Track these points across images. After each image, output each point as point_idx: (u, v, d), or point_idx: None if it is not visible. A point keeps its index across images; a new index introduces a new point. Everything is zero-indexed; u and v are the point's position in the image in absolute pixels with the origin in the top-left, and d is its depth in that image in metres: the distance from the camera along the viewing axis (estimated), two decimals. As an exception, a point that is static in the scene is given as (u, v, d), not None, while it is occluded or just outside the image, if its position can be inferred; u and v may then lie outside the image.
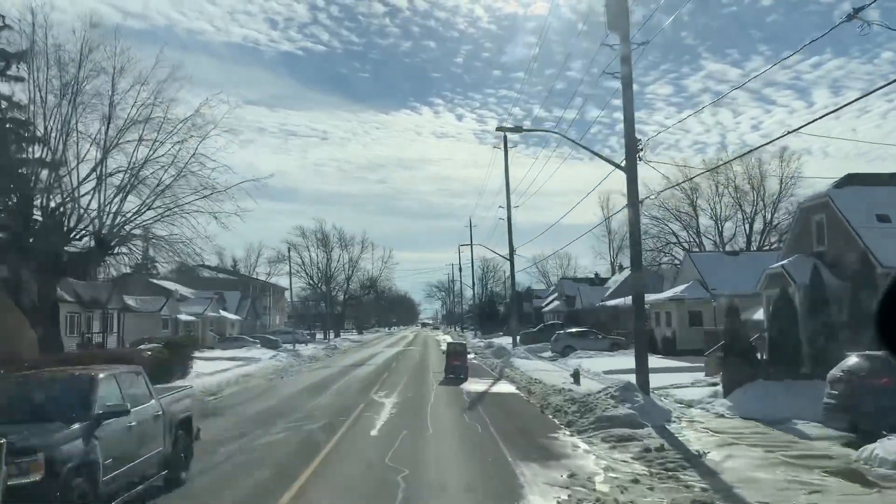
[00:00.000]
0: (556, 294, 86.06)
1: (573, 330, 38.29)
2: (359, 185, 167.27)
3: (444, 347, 34.73)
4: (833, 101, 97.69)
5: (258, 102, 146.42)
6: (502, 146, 39.61)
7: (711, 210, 68.68)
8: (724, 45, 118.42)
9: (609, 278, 70.88)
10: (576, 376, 21.27)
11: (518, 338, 54.24)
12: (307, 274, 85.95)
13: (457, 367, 26.59)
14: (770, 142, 45.21)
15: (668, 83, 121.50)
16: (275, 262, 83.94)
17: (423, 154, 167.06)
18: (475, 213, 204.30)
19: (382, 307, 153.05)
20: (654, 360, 29.42)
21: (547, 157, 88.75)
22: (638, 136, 16.75)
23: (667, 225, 68.70)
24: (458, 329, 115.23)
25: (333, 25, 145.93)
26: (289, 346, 52.83)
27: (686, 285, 32.84)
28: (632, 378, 17.17)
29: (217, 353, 44.70)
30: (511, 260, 40.27)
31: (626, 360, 31.48)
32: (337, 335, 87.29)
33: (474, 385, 24.10)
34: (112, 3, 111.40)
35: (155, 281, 66.47)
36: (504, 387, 23.76)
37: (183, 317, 49.52)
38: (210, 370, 29.68)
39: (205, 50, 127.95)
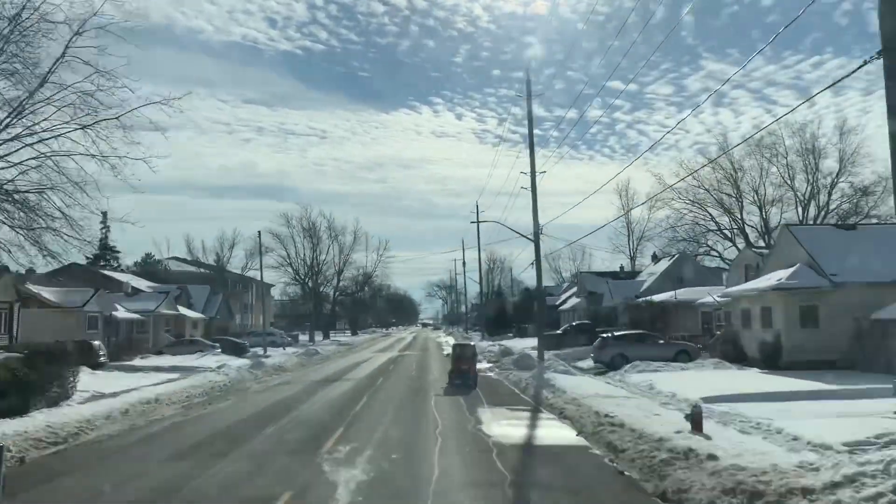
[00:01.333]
0: (573, 290, 76.43)
1: (624, 333, 28.68)
2: (358, 184, 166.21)
3: (447, 351, 28.98)
4: (833, 101, 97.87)
5: (257, 101, 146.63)
6: (525, 91, 30.05)
7: (754, 193, 59.13)
8: (725, 44, 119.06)
9: (639, 271, 61.34)
10: (695, 421, 11.65)
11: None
12: (293, 268, 76.21)
13: (464, 371, 22.54)
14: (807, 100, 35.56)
15: (669, 83, 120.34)
16: (254, 256, 74.25)
17: (422, 153, 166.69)
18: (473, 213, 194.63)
19: (379, 306, 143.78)
20: (762, 380, 20.05)
21: (546, 157, 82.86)
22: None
23: (706, 210, 59.10)
24: (461, 330, 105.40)
25: (332, 24, 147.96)
26: (259, 351, 43.42)
27: (792, 269, 23.18)
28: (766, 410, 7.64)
29: (158, 359, 35.32)
30: (536, 241, 30.77)
31: (713, 376, 21.96)
32: (326, 336, 77.74)
33: (503, 423, 14.60)
34: (111, 1, 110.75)
35: (109, 273, 57.12)
36: (556, 430, 14.16)
37: (122, 314, 39.95)
38: (119, 387, 20.84)
39: (204, 49, 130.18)
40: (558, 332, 43.09)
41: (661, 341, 27.51)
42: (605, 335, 28.72)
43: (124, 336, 38.75)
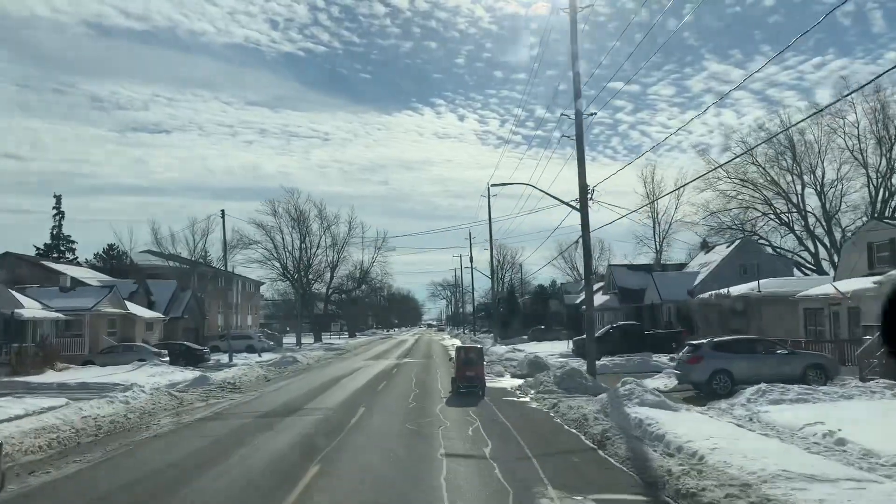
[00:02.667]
0: (600, 286, 67.47)
1: (727, 339, 19.59)
2: (361, 186, 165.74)
3: (451, 356, 24.61)
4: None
5: (260, 103, 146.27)
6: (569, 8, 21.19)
7: (811, 172, 50.11)
8: (727, 45, 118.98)
9: (684, 263, 52.37)
10: None
11: (571, 345, 36.01)
12: (280, 263, 67.22)
13: (470, 378, 19.58)
14: None
15: (671, 84, 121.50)
16: (234, 248, 65.31)
17: (425, 155, 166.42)
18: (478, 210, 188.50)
19: (380, 306, 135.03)
20: None
21: (547, 158, 78.38)
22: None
23: (759, 191, 50.06)
24: (467, 332, 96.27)
25: (334, 26, 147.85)
26: (223, 359, 34.86)
27: None
28: None
29: (79, 372, 26.83)
30: (583, 207, 21.91)
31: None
32: (318, 339, 68.91)
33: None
34: (114, 4, 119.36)
35: (52, 265, 48.43)
36: None
37: (37, 313, 31.08)
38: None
39: (206, 51, 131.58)
40: (596, 335, 34.16)
41: (782, 350, 18.48)
42: (694, 343, 19.70)
43: (41, 341, 29.98)
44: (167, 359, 32.79)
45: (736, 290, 29.67)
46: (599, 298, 57.56)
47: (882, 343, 9.73)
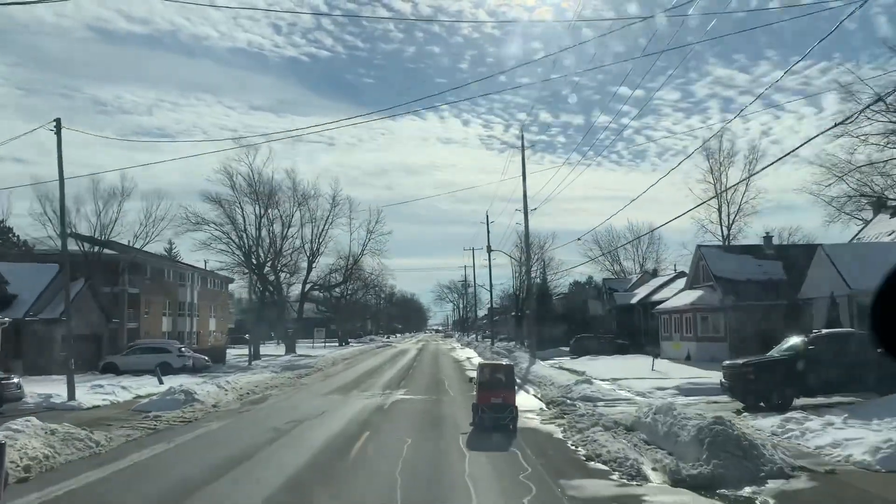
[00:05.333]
0: (658, 282, 50.46)
1: None
2: (365, 190, 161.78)
3: (473, 375, 17.41)
4: (839, 108, 75.53)
5: (265, 108, 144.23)
6: None
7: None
8: (732, 50, 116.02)
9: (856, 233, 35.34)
10: None
11: (691, 371, 19.37)
12: (242, 250, 50.15)
13: (498, 408, 14.05)
14: None
15: (676, 88, 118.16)
16: (181, 232, 48.57)
17: (429, 160, 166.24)
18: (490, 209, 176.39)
19: (380, 308, 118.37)
20: None
21: (557, 167, 63.88)
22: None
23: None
24: (481, 339, 79.28)
25: (337, 31, 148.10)
26: (56, 397, 18.27)
27: None
28: None
29: None
30: None
31: None
32: (291, 350, 52.14)
33: None
34: (117, 7, 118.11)
35: None
36: None
37: None
38: None
39: (209, 55, 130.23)
40: (773, 356, 17.31)
41: None
42: None
43: None
44: None
45: None
46: (678, 295, 40.63)
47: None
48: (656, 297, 47.44)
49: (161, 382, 25.88)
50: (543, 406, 18.84)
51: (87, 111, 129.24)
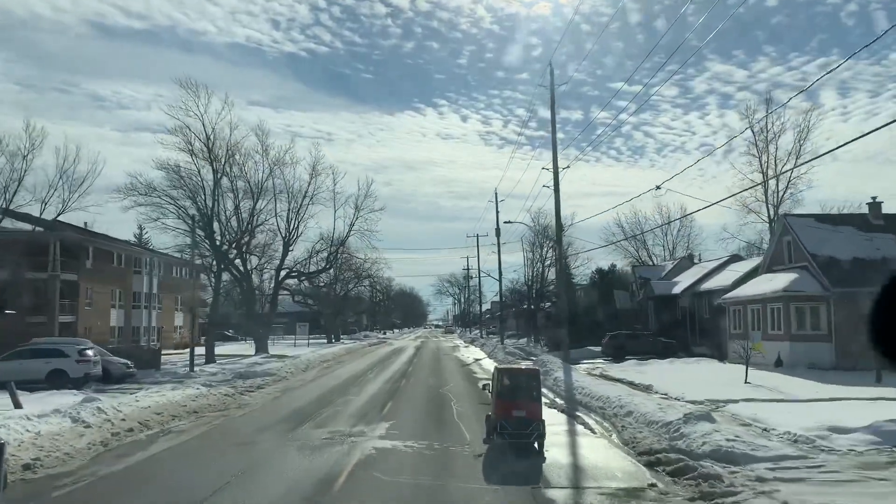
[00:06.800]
0: (712, 266, 40.86)
1: None
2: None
3: (485, 381, 15.11)
4: (840, 102, 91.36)
5: (263, 104, 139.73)
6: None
7: None
8: (730, 46, 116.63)
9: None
10: None
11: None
12: (200, 225, 40.62)
13: (521, 424, 11.41)
14: None
15: (674, 84, 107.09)
16: (129, 205, 38.92)
17: (427, 156, 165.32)
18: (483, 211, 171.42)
19: (376, 302, 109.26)
20: None
21: (549, 159, 54.68)
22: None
23: None
24: (487, 335, 70.14)
25: (335, 26, 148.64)
26: None
27: None
28: None
29: None
30: None
31: None
32: (262, 349, 42.96)
33: None
34: (114, 2, 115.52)
35: None
36: None
37: None
38: None
39: (207, 51, 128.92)
40: None
41: None
42: None
43: None
44: None
45: None
46: (751, 283, 31.46)
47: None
48: (707, 286, 38.37)
49: (18, 406, 16.82)
50: (640, 466, 9.94)
51: (86, 106, 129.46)
